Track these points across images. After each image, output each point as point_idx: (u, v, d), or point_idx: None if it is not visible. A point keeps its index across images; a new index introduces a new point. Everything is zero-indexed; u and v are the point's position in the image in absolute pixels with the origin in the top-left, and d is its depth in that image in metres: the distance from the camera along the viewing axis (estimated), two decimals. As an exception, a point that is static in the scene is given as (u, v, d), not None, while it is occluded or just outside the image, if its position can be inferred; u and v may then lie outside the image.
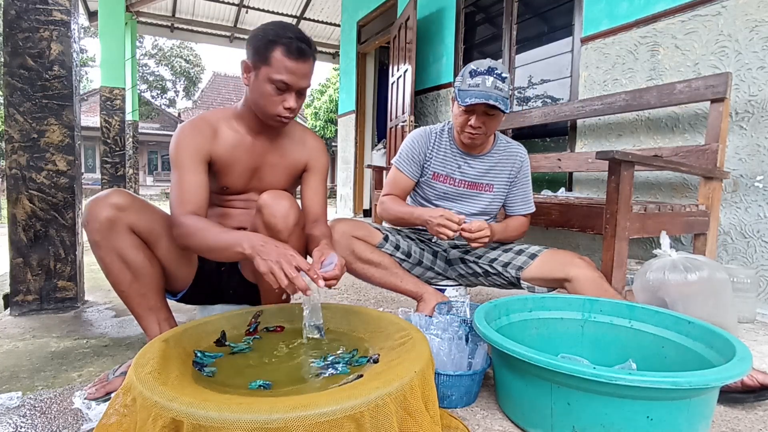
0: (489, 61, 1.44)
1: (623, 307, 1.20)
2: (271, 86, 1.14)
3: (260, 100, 1.17)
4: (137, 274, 1.13)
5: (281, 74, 1.12)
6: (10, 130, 1.72)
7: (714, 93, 1.88)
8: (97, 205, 1.09)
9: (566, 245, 2.67)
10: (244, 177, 1.30)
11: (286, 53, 1.11)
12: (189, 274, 1.28)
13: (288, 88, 1.14)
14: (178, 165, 1.19)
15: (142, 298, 1.15)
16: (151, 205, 1.20)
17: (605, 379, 0.78)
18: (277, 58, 1.11)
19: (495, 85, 1.40)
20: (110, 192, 1.12)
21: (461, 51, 3.67)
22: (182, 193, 1.16)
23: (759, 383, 1.07)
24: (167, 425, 0.61)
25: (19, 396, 1.08)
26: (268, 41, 1.12)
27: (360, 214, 5.57)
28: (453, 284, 1.67)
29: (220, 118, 1.27)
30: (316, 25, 8.80)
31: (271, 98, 1.15)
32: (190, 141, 1.20)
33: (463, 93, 1.42)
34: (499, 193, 1.61)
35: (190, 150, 1.19)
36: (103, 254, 1.10)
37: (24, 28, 1.72)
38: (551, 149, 2.99)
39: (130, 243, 1.11)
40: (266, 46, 1.12)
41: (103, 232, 1.08)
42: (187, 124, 1.23)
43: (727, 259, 2.01)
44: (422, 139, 1.60)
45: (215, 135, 1.24)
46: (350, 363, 0.91)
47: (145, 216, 1.14)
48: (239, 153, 1.27)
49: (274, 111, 1.17)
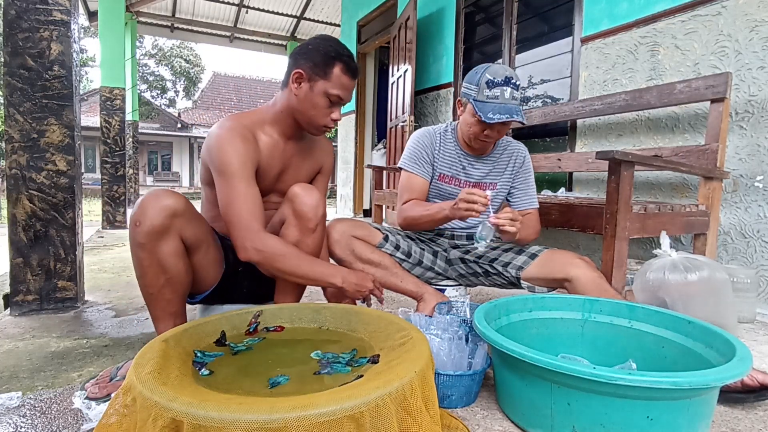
0: (504, 69, 1.41)
1: (623, 307, 1.20)
2: (325, 99, 1.20)
3: (311, 110, 1.22)
4: (172, 281, 1.13)
5: (337, 89, 1.20)
6: (10, 130, 1.72)
7: (714, 93, 1.88)
8: (152, 207, 1.07)
9: (566, 245, 2.67)
10: (272, 180, 1.31)
11: (345, 71, 1.20)
12: (214, 280, 1.29)
13: (339, 102, 1.22)
14: (233, 175, 1.16)
15: (168, 303, 1.15)
16: (198, 212, 1.21)
17: (605, 379, 0.78)
18: (337, 74, 1.19)
19: (512, 95, 1.39)
20: (165, 194, 1.10)
21: (461, 51, 3.67)
22: (251, 206, 1.16)
23: (759, 383, 1.07)
24: (167, 425, 0.61)
25: (19, 396, 1.08)
26: (329, 57, 1.18)
27: (360, 214, 5.57)
28: (453, 284, 1.67)
29: (255, 123, 1.27)
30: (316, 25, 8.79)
31: (322, 110, 1.22)
32: (242, 150, 1.18)
33: (483, 105, 1.39)
34: (501, 190, 1.61)
35: (243, 159, 1.17)
36: (144, 257, 1.10)
37: (24, 28, 1.72)
38: (551, 149, 2.99)
39: (175, 250, 1.11)
40: (326, 61, 1.18)
41: (153, 236, 1.07)
42: (229, 131, 1.19)
43: (727, 259, 2.01)
44: (427, 140, 1.59)
45: (258, 142, 1.25)
46: (350, 363, 0.91)
47: (193, 223, 1.15)
48: (273, 158, 1.28)
49: (323, 122, 1.24)
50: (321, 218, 1.24)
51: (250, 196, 1.16)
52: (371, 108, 5.78)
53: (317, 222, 1.22)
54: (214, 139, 1.18)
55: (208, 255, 1.23)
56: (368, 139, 5.76)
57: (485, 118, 1.37)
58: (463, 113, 1.52)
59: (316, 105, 1.21)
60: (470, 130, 1.48)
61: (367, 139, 5.74)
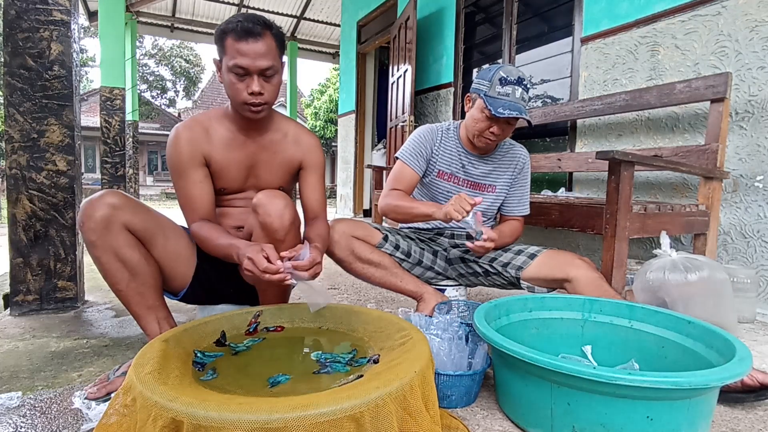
0: (517, 70, 1.45)
1: (623, 307, 1.20)
2: (232, 75, 1.15)
3: (229, 91, 1.19)
4: (134, 272, 1.13)
5: (235, 59, 1.12)
6: (10, 130, 1.72)
7: (714, 93, 1.88)
8: (91, 206, 1.09)
9: (566, 245, 2.67)
10: (240, 176, 1.30)
11: (235, 37, 1.12)
12: (187, 273, 1.28)
13: (246, 71, 1.14)
14: (178, 171, 1.21)
15: (141, 297, 1.15)
16: (144, 205, 1.21)
17: (605, 379, 0.78)
18: (229, 44, 1.13)
19: (522, 96, 1.43)
20: (104, 192, 1.13)
21: (461, 51, 3.67)
22: (189, 201, 1.21)
23: (759, 383, 1.07)
24: (167, 425, 0.61)
25: (19, 396, 1.08)
26: (221, 32, 1.15)
27: (360, 214, 5.57)
28: (453, 284, 1.67)
29: (212, 118, 1.28)
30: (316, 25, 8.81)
31: (235, 87, 1.16)
32: (186, 145, 1.21)
33: (494, 101, 1.41)
34: (500, 194, 1.61)
35: (188, 154, 1.21)
36: (100, 254, 1.10)
37: (24, 28, 1.72)
38: (551, 149, 2.99)
39: (126, 242, 1.11)
40: (221, 37, 1.16)
41: (99, 231, 1.08)
42: (180, 128, 1.23)
43: (727, 259, 2.01)
44: (429, 135, 1.60)
45: (209, 136, 1.25)
46: (350, 363, 0.91)
47: (139, 215, 1.15)
48: (233, 152, 1.27)
49: (241, 98, 1.17)
50: (289, 226, 1.14)
51: (191, 189, 1.21)
52: (371, 108, 5.78)
53: (285, 231, 1.13)
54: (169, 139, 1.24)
55: (169, 247, 1.22)
56: (368, 139, 5.75)
57: (495, 112, 1.39)
58: (470, 108, 1.52)
59: (229, 84, 1.17)
60: (476, 125, 1.48)
61: (367, 139, 5.74)
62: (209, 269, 1.31)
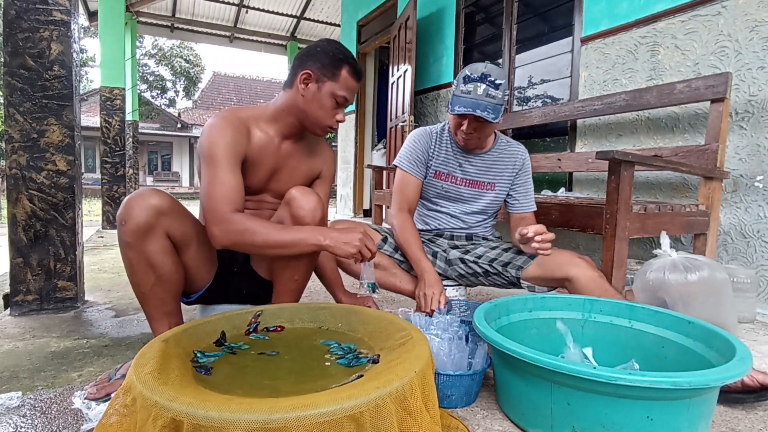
0: (484, 66, 1.42)
1: (623, 307, 1.20)
2: (332, 100, 1.23)
3: (318, 110, 1.24)
4: (162, 279, 1.13)
5: (344, 91, 1.23)
6: (10, 130, 1.72)
7: (714, 93, 1.88)
8: (136, 206, 1.07)
9: (566, 245, 2.67)
10: (264, 178, 1.31)
11: (352, 73, 1.23)
12: (206, 278, 1.28)
13: (345, 103, 1.26)
14: (215, 161, 1.15)
15: (161, 302, 1.15)
16: (185, 209, 1.20)
17: (605, 379, 0.78)
18: (344, 76, 1.22)
19: (487, 92, 1.39)
20: (149, 192, 1.10)
21: (461, 51, 3.67)
22: (225, 190, 1.14)
23: (759, 383, 1.07)
24: (167, 425, 0.61)
25: (19, 396, 1.08)
26: (338, 59, 1.22)
27: (360, 215, 5.57)
28: (453, 284, 1.67)
29: (251, 118, 1.27)
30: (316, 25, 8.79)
31: (329, 111, 1.24)
32: (229, 138, 1.18)
33: (455, 99, 1.43)
34: (500, 192, 1.61)
35: (229, 147, 1.17)
36: (132, 256, 1.10)
37: (24, 28, 1.72)
38: (551, 149, 2.99)
39: (162, 248, 1.11)
40: (335, 63, 1.21)
41: (138, 235, 1.07)
42: (221, 120, 1.20)
43: (727, 259, 2.01)
44: (423, 139, 1.60)
45: (249, 134, 1.25)
46: (350, 363, 0.91)
47: (180, 221, 1.15)
48: (266, 155, 1.28)
49: (328, 123, 1.26)
50: (319, 222, 1.21)
51: (228, 181, 1.15)
52: (371, 108, 5.78)
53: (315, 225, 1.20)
54: (206, 128, 1.20)
55: (200, 253, 1.22)
56: (368, 139, 5.75)
57: (451, 110, 1.43)
58: None
59: (323, 105, 1.23)
60: (451, 123, 1.53)
61: (367, 139, 5.74)
62: (223, 271, 1.31)
